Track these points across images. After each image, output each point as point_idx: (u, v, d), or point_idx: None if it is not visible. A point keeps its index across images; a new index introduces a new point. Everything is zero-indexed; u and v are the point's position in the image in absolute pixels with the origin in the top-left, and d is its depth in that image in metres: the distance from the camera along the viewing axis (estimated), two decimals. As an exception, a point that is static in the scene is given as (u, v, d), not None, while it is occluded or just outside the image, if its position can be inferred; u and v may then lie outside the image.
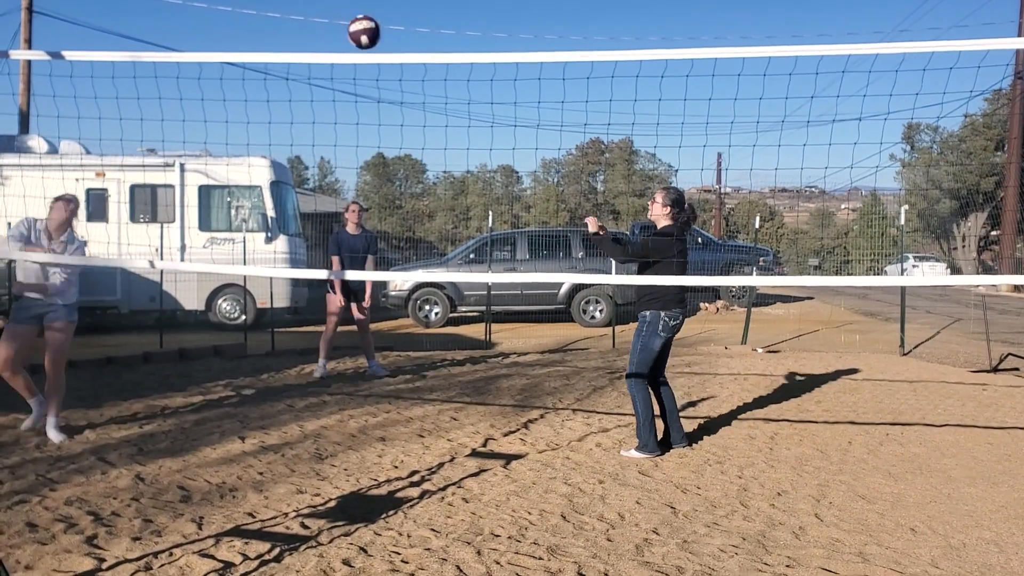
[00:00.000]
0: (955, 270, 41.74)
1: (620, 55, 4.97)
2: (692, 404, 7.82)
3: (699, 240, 20.90)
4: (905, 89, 5.32)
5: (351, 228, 9.64)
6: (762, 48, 4.93)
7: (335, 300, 9.57)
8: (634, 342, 5.98)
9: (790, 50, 4.93)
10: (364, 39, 4.89)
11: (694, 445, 6.17)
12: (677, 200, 6.00)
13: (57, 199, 6.48)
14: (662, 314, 5.83)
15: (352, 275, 9.15)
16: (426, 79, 5.45)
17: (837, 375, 9.72)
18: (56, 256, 6.27)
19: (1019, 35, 26.48)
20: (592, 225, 5.86)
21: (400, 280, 16.26)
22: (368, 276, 9.73)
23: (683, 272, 6.00)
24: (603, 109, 5.57)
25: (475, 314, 16.73)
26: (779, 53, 4.97)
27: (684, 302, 5.99)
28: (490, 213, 16.58)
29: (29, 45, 19.66)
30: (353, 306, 9.60)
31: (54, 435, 6.23)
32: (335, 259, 9.42)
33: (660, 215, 5.99)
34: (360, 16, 4.97)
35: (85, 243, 6.82)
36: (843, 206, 76.95)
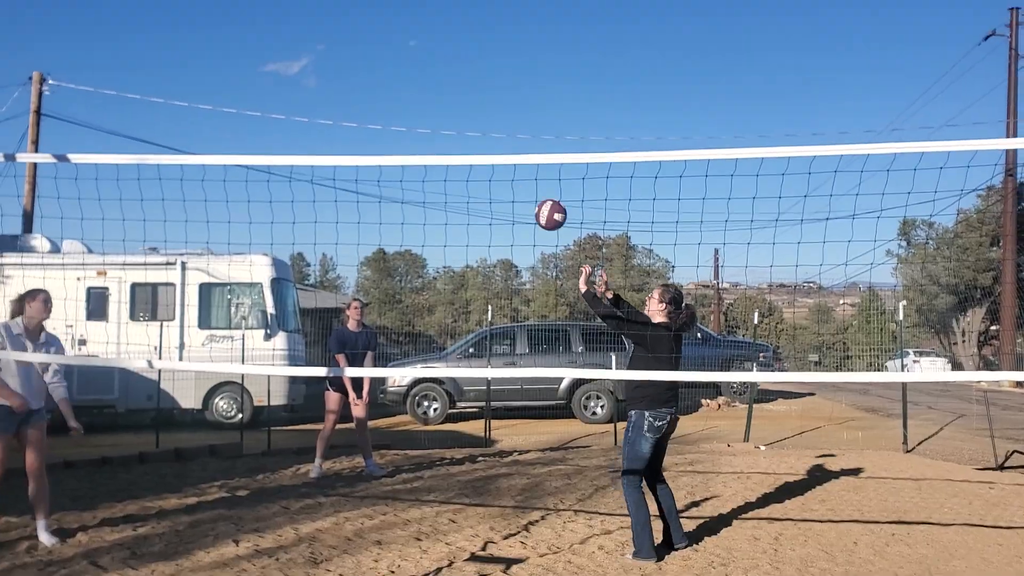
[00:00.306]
0: (956, 365, 41.62)
1: (614, 157, 5.10)
2: (695, 504, 7.70)
3: (699, 335, 20.91)
4: (898, 187, 5.43)
5: (352, 325, 9.59)
6: (754, 149, 5.05)
7: (334, 398, 9.49)
8: (623, 443, 5.89)
9: (782, 151, 5.05)
10: (558, 216, 5.36)
11: (696, 546, 6.04)
12: (675, 299, 5.96)
13: (33, 294, 6.17)
14: (647, 414, 5.68)
15: (351, 372, 9.07)
16: (426, 179, 5.57)
17: (840, 473, 9.59)
18: (56, 356, 6.25)
19: (1007, 135, 27.07)
20: (582, 278, 5.89)
21: (398, 376, 16.21)
22: (366, 372, 9.66)
23: (677, 364, 5.90)
24: (599, 207, 5.67)
25: (474, 410, 16.61)
26: (771, 154, 5.08)
27: (672, 401, 5.80)
28: (489, 307, 16.64)
29: (36, 147, 20.08)
30: (353, 402, 9.46)
31: (46, 538, 6.10)
32: (340, 357, 9.28)
33: (656, 311, 5.95)
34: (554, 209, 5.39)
35: (58, 339, 6.61)
36: (841, 301, 77.23)
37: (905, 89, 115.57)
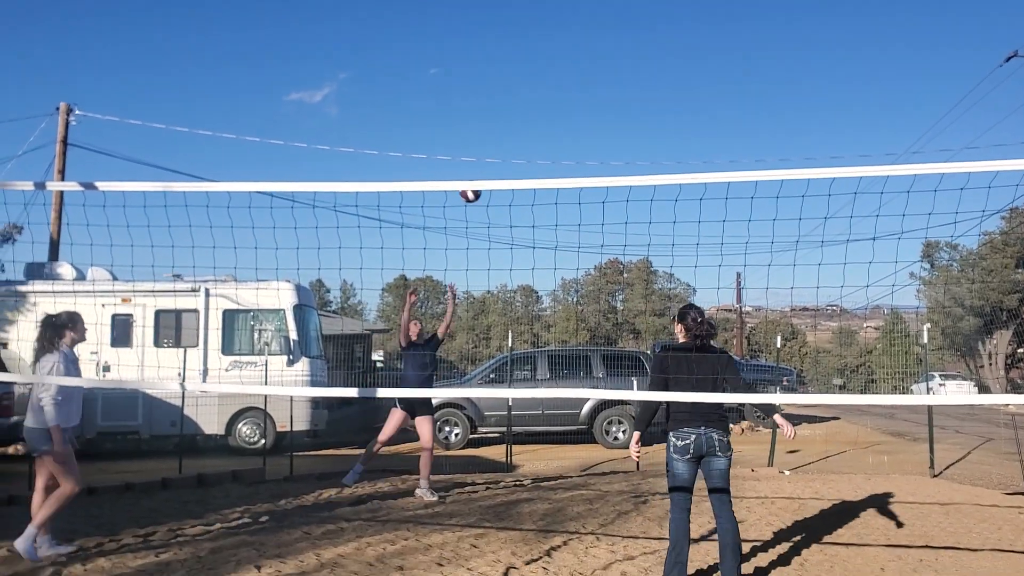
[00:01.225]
0: (983, 388, 41.10)
1: (634, 180, 5.10)
2: (718, 529, 7.62)
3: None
4: (918, 209, 5.39)
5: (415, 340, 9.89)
6: (774, 172, 5.04)
7: (397, 416, 9.72)
8: None
9: (802, 173, 5.04)
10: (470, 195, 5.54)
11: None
12: (681, 315, 5.91)
13: (75, 321, 6.65)
14: (671, 435, 5.65)
15: (385, 392, 9.31)
16: (447, 205, 5.60)
17: (867, 498, 9.47)
18: (94, 380, 6.41)
19: (1031, 155, 26.82)
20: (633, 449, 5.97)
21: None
22: (385, 393, 9.72)
23: (699, 388, 5.74)
24: (620, 231, 5.68)
25: (496, 435, 16.57)
26: (791, 176, 5.07)
27: (694, 422, 5.62)
28: (510, 332, 16.62)
29: (63, 176, 20.37)
30: (418, 421, 9.72)
31: (44, 551, 6.38)
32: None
33: (678, 334, 5.94)
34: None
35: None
36: (865, 324, 76.63)
37: (925, 112, 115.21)
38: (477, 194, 5.57)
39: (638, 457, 6.16)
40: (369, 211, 6.49)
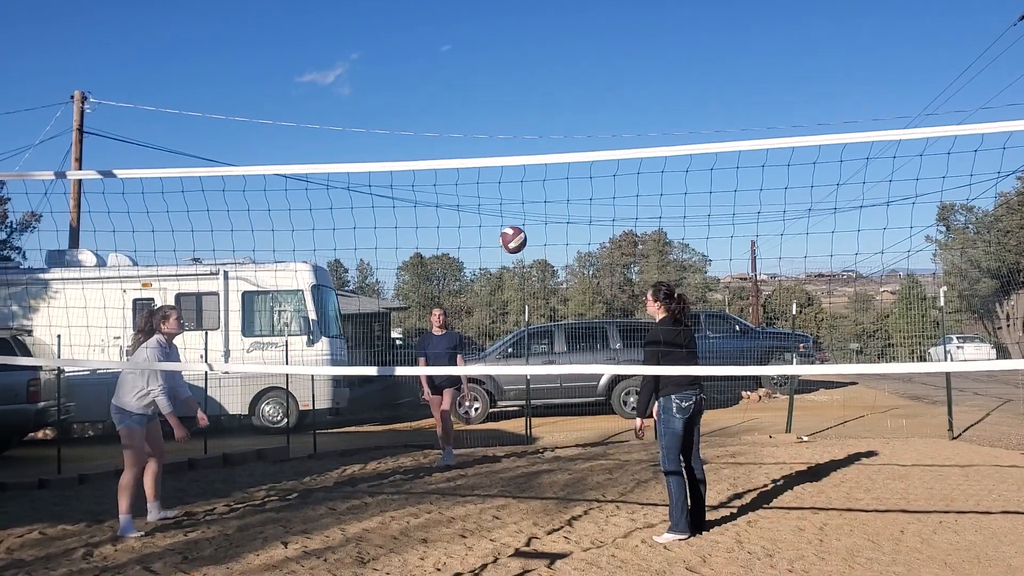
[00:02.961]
0: (1001, 350, 40.88)
1: (645, 152, 5.11)
2: (738, 495, 7.69)
3: (737, 328, 20.82)
4: (932, 172, 5.38)
5: (435, 331, 10.50)
6: (785, 139, 5.03)
7: (433, 401, 10.38)
8: (657, 428, 6.33)
9: (814, 139, 5.04)
10: (512, 244, 5.94)
11: (740, 538, 6.05)
12: (667, 294, 6.40)
13: (166, 315, 7.08)
14: (673, 398, 6.15)
15: (402, 371, 9.65)
16: (459, 182, 5.65)
17: (885, 461, 9.52)
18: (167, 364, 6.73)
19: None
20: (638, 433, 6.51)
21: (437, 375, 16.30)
22: (410, 372, 9.99)
23: (693, 356, 6.37)
24: (632, 203, 5.72)
25: (515, 409, 16.69)
26: (803, 143, 5.07)
27: (696, 383, 6.24)
28: (527, 307, 16.68)
29: (80, 164, 20.49)
30: (441, 397, 10.34)
31: (153, 517, 7.14)
32: (421, 360, 10.36)
33: (655, 311, 6.45)
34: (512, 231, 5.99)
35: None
36: (881, 289, 76.20)
37: (938, 74, 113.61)
38: (518, 247, 6.14)
39: (641, 437, 6.64)
40: (382, 190, 6.54)
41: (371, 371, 8.02)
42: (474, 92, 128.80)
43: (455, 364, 10.20)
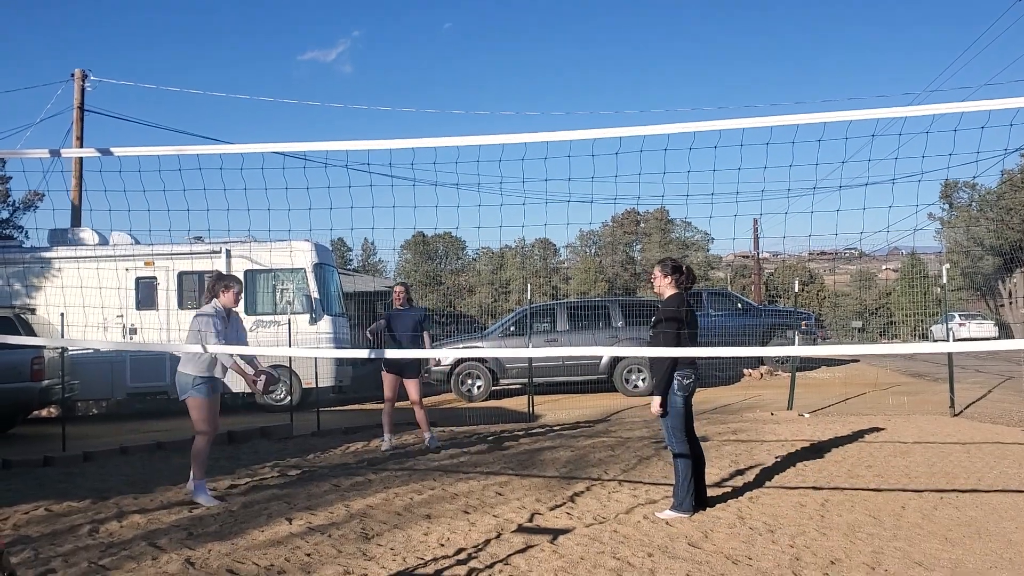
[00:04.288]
0: (1003, 327, 40.86)
1: (648, 130, 5.08)
2: (740, 472, 7.72)
3: (739, 305, 20.82)
4: (938, 149, 5.35)
5: (398, 307, 10.18)
6: (790, 116, 5.00)
7: (389, 378, 10.02)
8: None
9: (818, 117, 5.00)
10: None
11: (742, 514, 6.08)
12: (676, 268, 6.36)
13: (228, 286, 7.23)
14: (676, 375, 6.13)
15: (394, 354, 9.42)
16: (459, 160, 5.62)
17: (887, 438, 9.55)
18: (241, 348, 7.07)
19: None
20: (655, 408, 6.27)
21: (440, 356, 16.36)
22: (408, 354, 9.91)
23: (695, 336, 6.30)
24: (634, 181, 5.69)
25: (518, 387, 16.73)
26: (807, 120, 5.04)
27: (694, 361, 6.26)
28: (529, 286, 16.68)
29: (81, 143, 20.43)
30: (406, 382, 9.99)
31: (204, 499, 6.96)
32: (371, 329, 10.14)
33: (664, 286, 6.38)
34: None
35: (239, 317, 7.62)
36: (883, 267, 76.09)
37: (944, 51, 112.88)
38: None
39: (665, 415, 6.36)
40: (381, 168, 6.53)
41: (362, 354, 7.99)
42: (475, 69, 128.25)
43: (421, 341, 10.00)
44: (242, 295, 7.53)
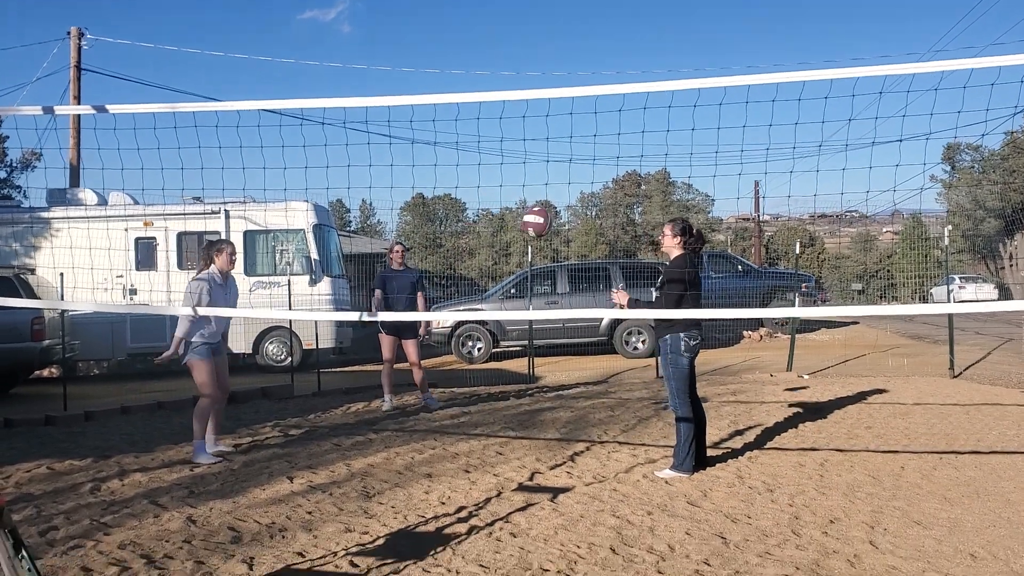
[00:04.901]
0: (1003, 290, 40.87)
1: (652, 86, 5.00)
2: (739, 432, 7.74)
3: (739, 268, 20.79)
4: (946, 108, 5.26)
5: (395, 267, 10.10)
6: (796, 73, 4.92)
7: (387, 340, 9.96)
8: (664, 369, 6.28)
9: (825, 73, 4.93)
10: (531, 231, 6.18)
11: (742, 474, 6.10)
12: (685, 228, 6.31)
13: (220, 249, 7.31)
14: (682, 335, 6.12)
15: (394, 316, 9.42)
16: (459, 118, 5.54)
17: (886, 400, 9.56)
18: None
19: (1059, 50, 26.10)
20: (620, 299, 6.37)
21: (441, 319, 16.36)
22: (409, 316, 9.91)
23: (698, 297, 6.26)
24: (637, 141, 5.63)
25: (518, 349, 16.76)
26: (813, 77, 4.96)
27: (700, 324, 6.25)
28: (529, 248, 16.63)
29: (78, 101, 20.26)
30: (405, 343, 9.96)
31: (214, 451, 7.20)
32: (377, 293, 9.94)
33: (672, 246, 6.33)
34: (536, 208, 6.33)
35: (235, 282, 7.69)
36: (885, 229, 75.95)
37: (947, 11, 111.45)
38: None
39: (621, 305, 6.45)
40: (380, 127, 6.45)
41: (352, 316, 7.99)
42: (479, 27, 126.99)
43: (416, 303, 9.97)
44: (236, 255, 7.54)
